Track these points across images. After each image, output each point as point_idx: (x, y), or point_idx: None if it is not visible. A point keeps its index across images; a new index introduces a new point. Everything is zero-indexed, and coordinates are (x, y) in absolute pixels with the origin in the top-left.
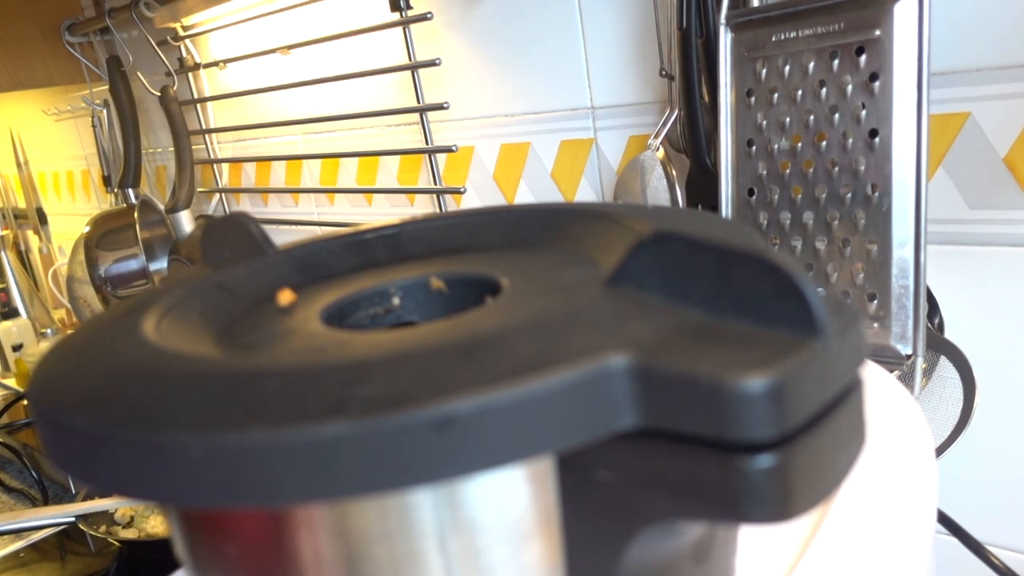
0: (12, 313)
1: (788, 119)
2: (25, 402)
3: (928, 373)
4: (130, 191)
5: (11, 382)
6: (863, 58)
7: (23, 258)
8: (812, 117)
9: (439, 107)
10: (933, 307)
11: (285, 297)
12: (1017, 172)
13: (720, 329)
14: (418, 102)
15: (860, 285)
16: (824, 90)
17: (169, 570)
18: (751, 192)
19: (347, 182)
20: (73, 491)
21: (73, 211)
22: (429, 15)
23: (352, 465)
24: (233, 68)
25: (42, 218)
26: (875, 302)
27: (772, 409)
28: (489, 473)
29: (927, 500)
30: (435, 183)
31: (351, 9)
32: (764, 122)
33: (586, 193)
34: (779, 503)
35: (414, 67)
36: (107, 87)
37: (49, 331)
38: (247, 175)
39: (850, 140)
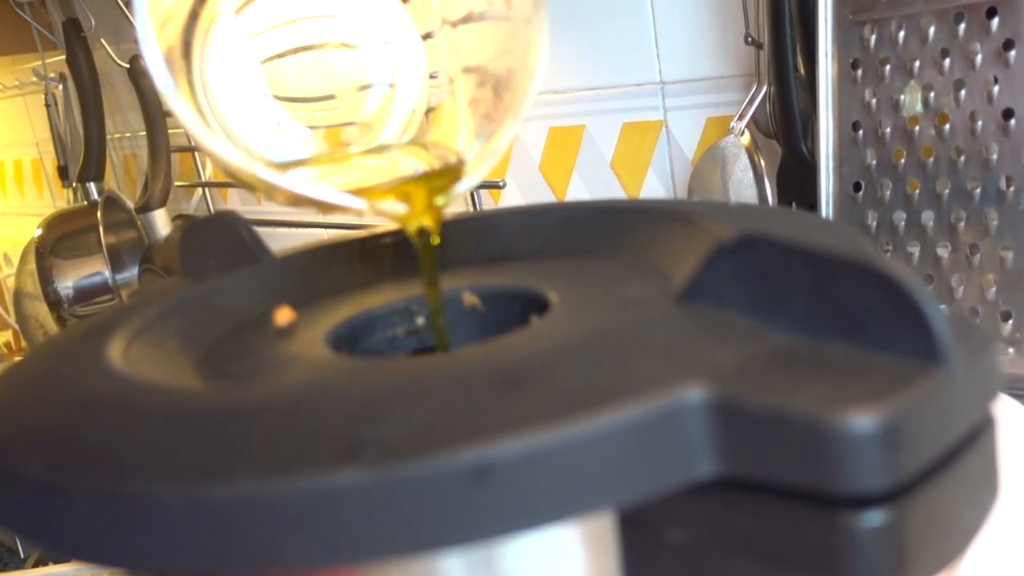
0: None
1: (903, 97)
2: None
3: None
4: (92, 185)
5: None
6: (995, 22)
7: None
8: (932, 94)
9: None
10: None
11: (283, 316)
12: None
13: (819, 355)
14: None
15: (992, 301)
16: (947, 61)
17: None
18: (857, 186)
19: None
20: (22, 555)
21: (21, 210)
22: None
23: (366, 523)
24: None
25: None
26: (1010, 322)
27: (884, 454)
28: (535, 533)
29: None
30: None
31: None
32: (873, 100)
33: (654, 188)
34: (892, 569)
35: None
36: (63, 57)
37: None
38: None
39: (979, 122)
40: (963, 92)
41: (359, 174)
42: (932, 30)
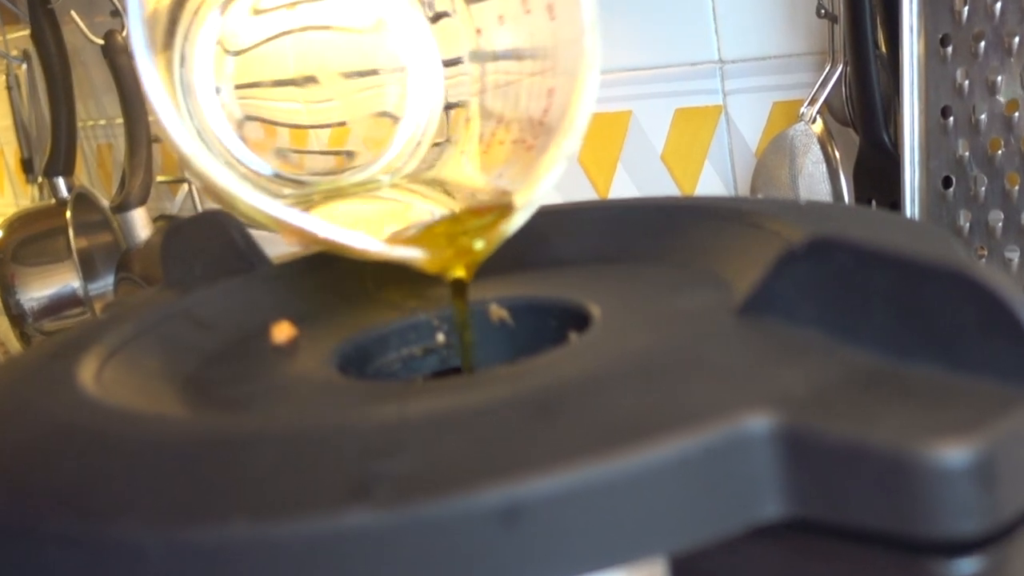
0: None
1: (1000, 78)
2: None
3: None
4: (60, 181)
5: None
6: None
7: None
8: None
9: None
10: None
11: (282, 332)
12: None
13: (902, 378)
14: None
15: None
16: None
17: None
18: (947, 182)
19: None
20: None
21: None
22: None
23: (377, 571)
24: None
25: None
26: None
27: (979, 493)
28: None
29: None
30: None
31: None
32: (966, 82)
33: (712, 183)
34: None
35: None
36: (28, 32)
37: None
38: None
39: None
40: None
41: (368, 220)
42: None
